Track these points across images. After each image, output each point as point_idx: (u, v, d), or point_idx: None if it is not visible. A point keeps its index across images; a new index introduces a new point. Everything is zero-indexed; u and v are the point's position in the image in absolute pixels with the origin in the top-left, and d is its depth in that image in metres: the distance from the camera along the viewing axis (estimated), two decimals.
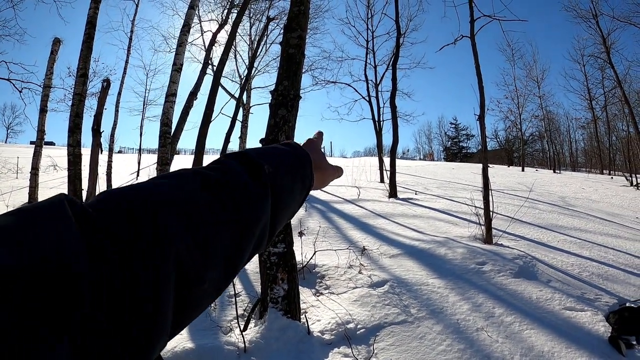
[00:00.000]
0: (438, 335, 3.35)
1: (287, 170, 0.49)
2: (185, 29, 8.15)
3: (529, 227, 7.29)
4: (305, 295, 4.03)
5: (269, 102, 3.64)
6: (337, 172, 0.67)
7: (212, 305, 3.67)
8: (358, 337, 3.30)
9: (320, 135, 0.73)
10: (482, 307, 3.82)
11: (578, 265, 5.05)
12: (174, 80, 7.72)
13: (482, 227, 6.08)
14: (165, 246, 0.31)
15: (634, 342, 3.28)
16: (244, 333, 3.18)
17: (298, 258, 4.36)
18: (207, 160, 11.27)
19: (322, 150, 0.70)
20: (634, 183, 17.22)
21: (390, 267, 4.71)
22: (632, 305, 3.86)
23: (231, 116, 10.99)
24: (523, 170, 24.90)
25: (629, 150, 24.02)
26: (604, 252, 5.84)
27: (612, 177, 22.55)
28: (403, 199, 9.66)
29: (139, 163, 15.49)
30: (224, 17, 12.38)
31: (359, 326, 3.44)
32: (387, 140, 11.22)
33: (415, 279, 4.33)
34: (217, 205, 0.38)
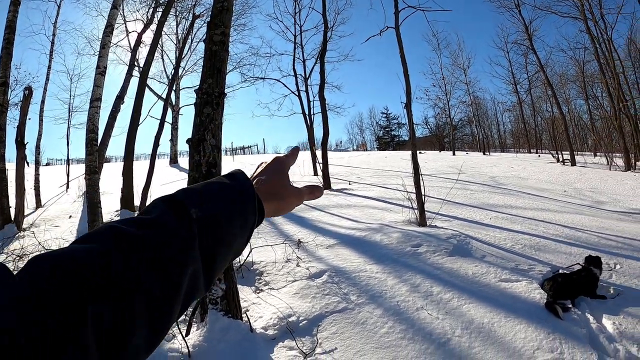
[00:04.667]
0: (379, 318, 4.13)
1: (222, 210, 0.59)
2: (109, 30, 9.29)
3: (461, 207, 8.91)
4: (246, 293, 4.69)
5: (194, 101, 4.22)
6: (300, 197, 0.78)
7: None
8: (301, 329, 3.98)
9: (294, 152, 0.83)
10: (421, 287, 4.76)
11: (511, 239, 6.40)
12: (98, 85, 8.75)
13: (416, 211, 7.40)
14: (80, 319, 0.41)
15: (570, 306, 4.39)
16: (186, 338, 3.67)
17: None
18: (138, 166, 10.71)
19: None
20: (560, 159, 21.74)
21: (328, 257, 5.60)
22: (565, 271, 5.11)
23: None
24: (454, 154, 30.15)
25: (554, 129, 29.95)
26: (535, 225, 7.44)
27: (539, 156, 28.13)
28: (337, 190, 11.38)
29: (67, 174, 16.52)
30: (149, 17, 14.25)
31: (300, 318, 4.12)
32: (319, 133, 13.79)
33: (353, 267, 5.22)
34: (132, 265, 0.48)
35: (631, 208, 10.02)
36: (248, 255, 5.54)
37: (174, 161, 25.59)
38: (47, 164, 40.45)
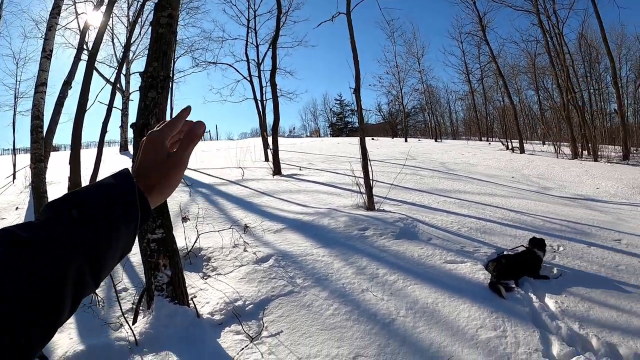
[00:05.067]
0: (325, 301, 4.25)
1: (104, 210, 0.64)
2: (56, 11, 9.15)
3: (410, 192, 9.18)
4: (193, 279, 4.79)
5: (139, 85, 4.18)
6: (181, 161, 0.80)
7: (99, 303, 4.30)
8: (247, 314, 4.12)
9: (170, 122, 0.83)
10: (366, 269, 4.88)
11: (457, 223, 6.63)
12: (43, 69, 8.63)
13: (364, 195, 7.59)
14: None
15: (513, 285, 4.61)
16: (133, 326, 3.77)
17: (182, 243, 5.29)
18: (87, 154, 11.07)
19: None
20: (510, 147, 23.02)
21: (275, 242, 5.74)
22: (509, 253, 5.33)
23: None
24: (406, 140, 31.33)
25: (505, 118, 31.44)
26: (482, 209, 7.73)
27: (489, 143, 29.66)
28: (287, 176, 11.60)
29: (14, 165, 15.74)
30: None
31: (247, 302, 4.24)
32: (271, 119, 14.17)
33: (300, 251, 5.36)
34: (20, 267, 0.52)
35: (576, 194, 10.59)
36: (195, 242, 5.60)
37: (124, 148, 24.62)
38: None
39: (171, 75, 17.96)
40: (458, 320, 3.94)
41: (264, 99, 19.57)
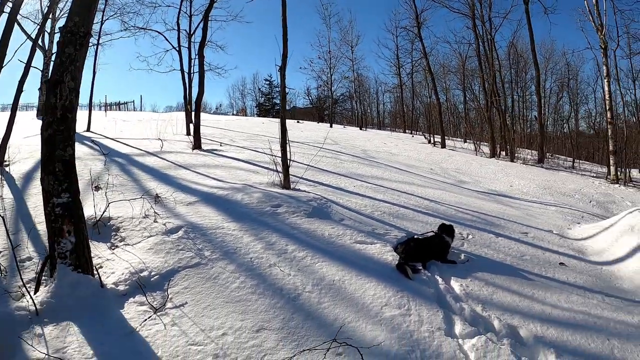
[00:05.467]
0: (232, 274, 4.26)
1: None
2: None
3: (329, 174, 9.40)
4: (101, 250, 4.77)
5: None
6: None
7: (2, 272, 4.16)
8: (152, 284, 4.09)
9: None
10: (276, 245, 4.92)
11: (371, 206, 6.82)
12: None
13: (280, 174, 7.66)
14: None
15: (420, 268, 4.82)
16: (35, 295, 3.73)
17: (91, 212, 5.31)
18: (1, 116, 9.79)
19: None
20: (432, 141, 24.14)
21: (186, 214, 5.70)
22: (419, 237, 5.56)
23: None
24: (331, 126, 32.05)
25: (430, 113, 32.89)
26: (397, 196, 8.02)
27: (413, 136, 31.03)
28: (207, 151, 11.63)
29: None
30: None
31: (152, 273, 4.22)
32: (197, 93, 13.85)
33: (211, 224, 5.36)
34: None
35: (490, 189, 11.26)
36: (105, 210, 5.45)
37: (42, 113, 22.54)
38: None
39: (95, 35, 17.34)
40: (364, 297, 4.05)
41: (192, 71, 18.94)
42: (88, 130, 15.36)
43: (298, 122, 34.02)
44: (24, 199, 6.07)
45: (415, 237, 5.55)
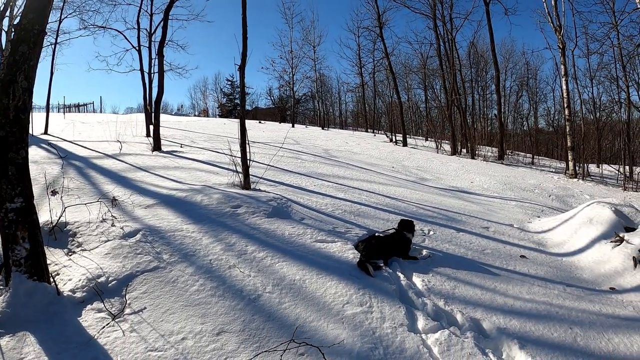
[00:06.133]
0: (191, 277, 4.23)
1: None
2: None
3: (289, 174, 9.41)
4: (58, 256, 4.69)
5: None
6: None
7: None
8: (110, 290, 4.04)
9: None
10: (235, 246, 4.89)
11: (332, 205, 6.85)
12: None
13: (240, 174, 7.64)
14: None
15: (382, 265, 4.84)
16: None
17: (47, 217, 5.28)
18: None
19: None
20: (393, 140, 24.56)
21: (144, 217, 5.62)
22: (380, 234, 5.61)
23: None
24: (293, 126, 32.33)
25: (392, 112, 33.33)
26: (359, 194, 8.07)
27: (374, 135, 31.43)
28: (167, 152, 11.56)
29: None
30: None
31: (110, 279, 4.16)
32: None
33: (169, 227, 5.30)
34: None
35: (450, 186, 11.43)
36: (61, 216, 5.34)
37: None
38: None
39: (52, 34, 16.82)
40: (325, 296, 4.05)
41: (152, 71, 18.94)
42: (45, 133, 15.01)
43: (260, 122, 33.92)
44: None
45: (377, 234, 5.59)
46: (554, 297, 4.56)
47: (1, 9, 16.37)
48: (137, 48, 19.04)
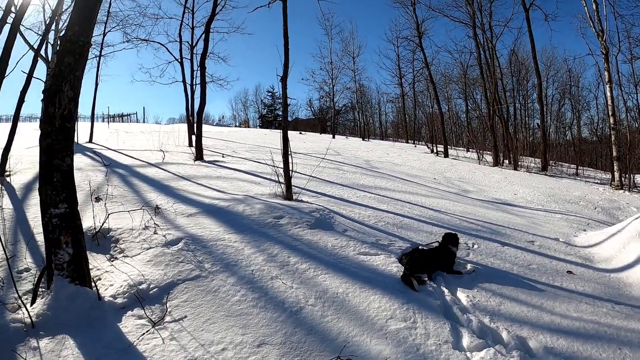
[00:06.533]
0: (232, 286, 4.20)
1: None
2: None
3: (331, 185, 9.34)
4: (100, 261, 4.71)
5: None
6: None
7: None
8: (151, 297, 4.04)
9: None
10: (278, 257, 4.85)
11: (375, 217, 6.74)
12: None
13: (282, 185, 7.60)
14: None
15: (426, 279, 4.72)
16: (31, 307, 3.71)
17: (91, 223, 5.32)
18: (3, 126, 10.47)
19: None
20: (434, 151, 24.14)
21: (187, 225, 5.64)
22: (424, 247, 5.49)
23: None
24: (334, 137, 32.24)
25: (432, 123, 32.91)
26: (401, 206, 7.94)
27: (415, 146, 31.13)
28: (209, 162, 11.68)
29: None
30: None
31: (151, 286, 4.15)
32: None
33: (211, 236, 5.30)
34: None
35: (494, 198, 11.15)
36: (104, 222, 5.43)
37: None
38: None
39: (97, 46, 17.49)
40: (368, 310, 3.96)
41: (194, 83, 19.39)
42: (90, 141, 15.48)
43: (301, 133, 34.09)
44: (24, 210, 6.04)
45: (420, 247, 5.48)
46: (602, 316, 4.35)
47: (47, 22, 17.17)
48: (179, 60, 19.41)
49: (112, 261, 4.76)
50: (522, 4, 21.54)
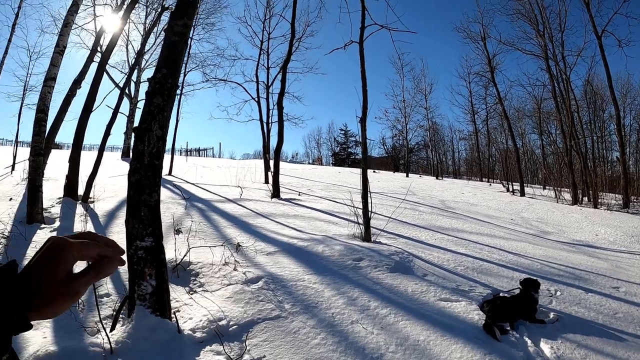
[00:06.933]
0: (312, 329, 4.14)
1: None
2: (74, 8, 9.28)
3: (408, 226, 9.16)
4: (179, 293, 4.72)
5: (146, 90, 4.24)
6: (75, 295, 0.68)
7: (79, 305, 4.18)
8: (230, 334, 4.03)
9: (86, 244, 0.71)
10: (358, 300, 4.77)
11: (454, 261, 6.54)
12: (54, 64, 8.65)
13: (361, 225, 7.53)
14: None
15: (508, 328, 4.49)
16: (111, 333, 3.72)
17: (172, 255, 5.39)
18: (88, 156, 11.45)
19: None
20: (510, 189, 23.19)
21: (266, 264, 5.66)
22: (505, 294, 5.25)
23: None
24: (407, 176, 32.00)
25: (507, 160, 31.71)
26: (479, 249, 7.66)
27: (490, 184, 29.92)
28: (286, 200, 11.70)
29: (14, 156, 16.05)
30: (118, 3, 14.39)
31: (231, 323, 4.15)
32: (275, 142, 15.09)
33: (291, 276, 5.29)
34: None
35: (575, 239, 10.49)
36: (185, 255, 5.58)
37: (126, 155, 24.73)
38: None
39: (180, 85, 18.38)
40: None
41: (270, 121, 19.88)
42: (170, 174, 16.27)
43: (374, 172, 34.05)
44: (106, 236, 6.31)
45: (502, 294, 5.26)
46: None
47: (132, 63, 18.48)
48: (256, 100, 19.92)
49: (192, 294, 4.85)
50: (594, 31, 20.59)
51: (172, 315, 4.12)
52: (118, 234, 6.45)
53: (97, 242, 0.72)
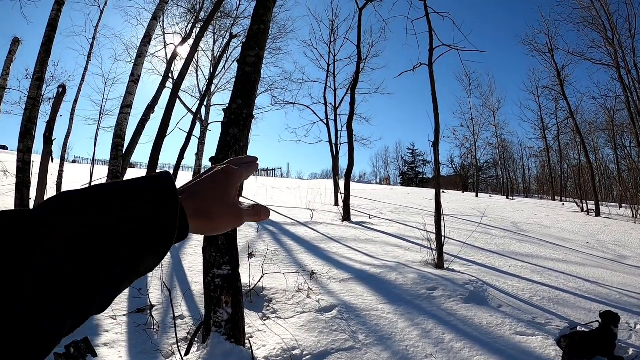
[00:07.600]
0: None
1: (129, 215, 0.46)
2: (146, 40, 9.79)
3: (481, 252, 8.74)
4: (252, 319, 4.67)
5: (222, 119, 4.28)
6: (238, 219, 0.63)
7: (154, 326, 4.26)
8: None
9: (251, 166, 0.71)
10: (432, 333, 4.58)
11: (529, 290, 6.16)
12: (130, 92, 9.19)
13: (434, 252, 7.25)
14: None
15: None
16: (185, 357, 3.69)
17: (245, 280, 5.23)
18: None
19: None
20: (585, 209, 21.18)
21: (340, 291, 5.53)
22: (584, 329, 4.86)
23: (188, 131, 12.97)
24: (477, 196, 30.18)
25: (580, 177, 29.38)
26: (555, 277, 7.16)
27: (563, 204, 27.56)
28: (356, 223, 11.43)
29: (91, 175, 17.00)
30: (187, 31, 15.21)
31: (305, 352, 4.03)
32: (344, 163, 14.93)
33: (365, 305, 5.13)
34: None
35: None
36: (259, 281, 5.55)
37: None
38: (74, 161, 43.07)
39: (254, 116, 18.53)
40: None
41: (339, 142, 19.32)
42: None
43: (444, 191, 32.99)
44: (180, 258, 6.40)
45: (580, 329, 4.89)
46: None
47: (204, 89, 18.92)
48: (324, 121, 19.46)
49: (265, 320, 4.77)
50: None
51: (247, 342, 4.07)
52: (192, 255, 6.58)
53: (242, 164, 0.70)
